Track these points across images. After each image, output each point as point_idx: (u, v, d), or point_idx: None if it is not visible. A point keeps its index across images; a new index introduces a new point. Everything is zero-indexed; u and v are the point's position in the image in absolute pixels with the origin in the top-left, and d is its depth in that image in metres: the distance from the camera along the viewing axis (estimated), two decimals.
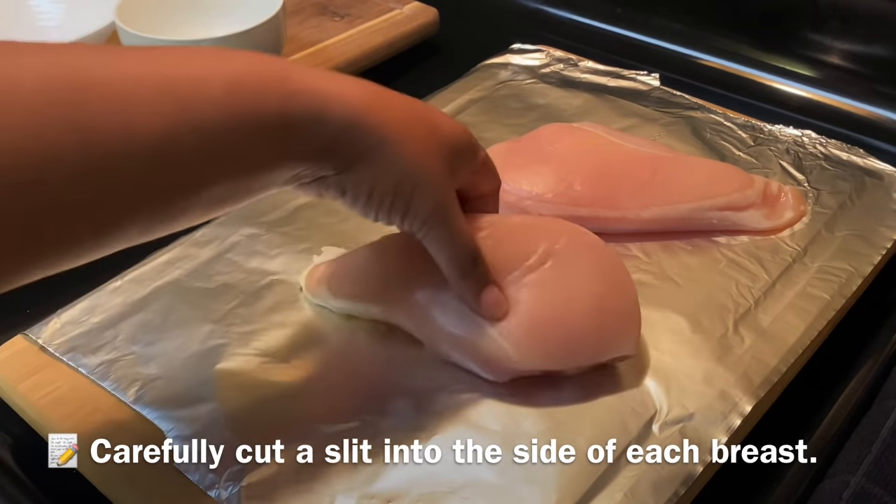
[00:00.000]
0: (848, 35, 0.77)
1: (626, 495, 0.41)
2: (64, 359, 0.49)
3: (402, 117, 0.41)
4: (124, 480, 0.43)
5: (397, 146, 0.40)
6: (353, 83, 0.40)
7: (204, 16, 0.76)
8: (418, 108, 0.43)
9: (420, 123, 0.42)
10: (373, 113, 0.39)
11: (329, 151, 0.39)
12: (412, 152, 0.41)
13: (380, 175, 0.41)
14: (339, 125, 0.39)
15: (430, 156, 0.41)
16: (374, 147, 0.40)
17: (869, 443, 0.44)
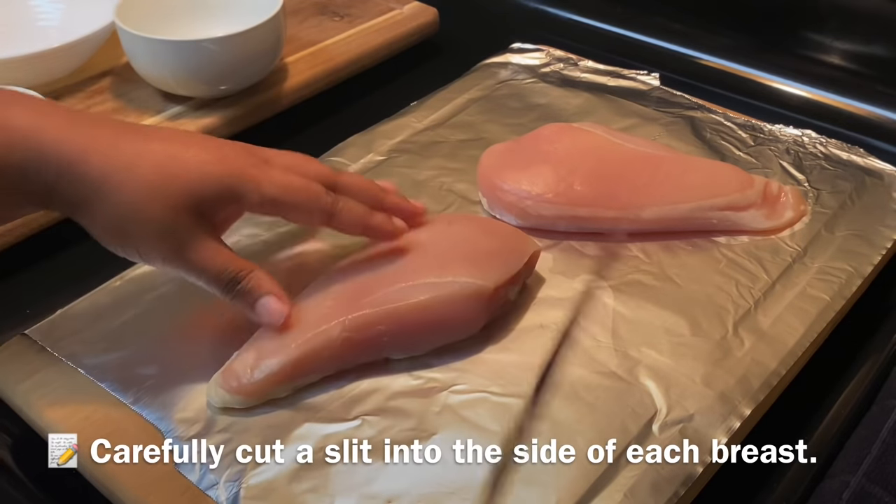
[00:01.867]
0: (848, 35, 0.77)
1: (626, 495, 0.41)
2: (64, 359, 0.49)
3: (125, 164, 0.41)
4: (124, 480, 0.43)
5: (113, 195, 0.41)
6: (84, 129, 0.41)
7: (204, 16, 0.76)
8: (154, 152, 0.42)
9: (150, 171, 0.41)
10: (90, 163, 0.40)
11: (48, 198, 0.41)
12: (130, 201, 0.41)
13: (100, 222, 0.42)
14: (53, 178, 0.41)
15: (154, 202, 0.41)
16: (89, 195, 0.41)
17: (869, 443, 0.44)
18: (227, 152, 0.44)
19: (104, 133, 0.42)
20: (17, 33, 0.77)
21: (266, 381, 0.45)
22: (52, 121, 0.41)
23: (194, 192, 0.42)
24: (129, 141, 0.42)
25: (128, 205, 0.41)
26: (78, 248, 0.62)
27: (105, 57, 0.75)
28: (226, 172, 0.43)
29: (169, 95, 0.72)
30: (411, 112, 0.70)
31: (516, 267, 0.50)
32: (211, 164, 0.43)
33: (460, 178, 0.63)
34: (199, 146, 0.44)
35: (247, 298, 0.45)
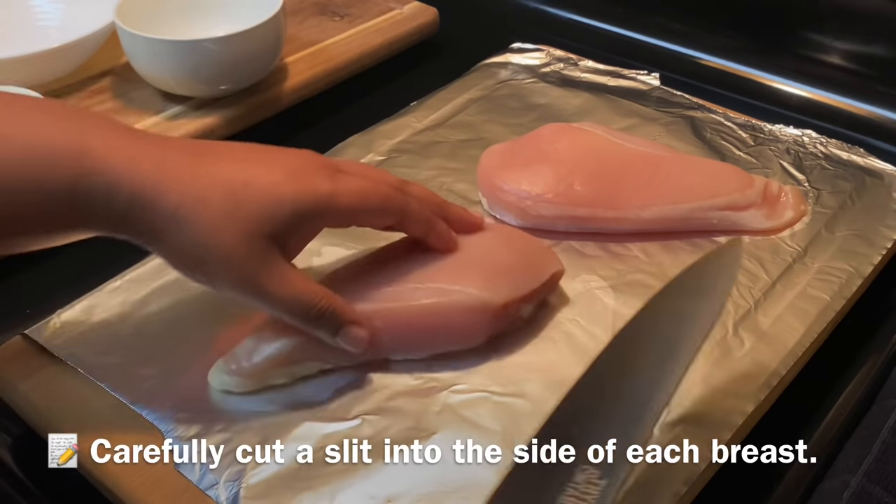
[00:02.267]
0: (848, 35, 0.77)
1: (627, 495, 0.41)
2: (64, 359, 0.49)
3: (198, 195, 0.40)
4: (124, 480, 0.43)
5: (186, 226, 0.40)
6: (154, 156, 0.40)
7: (204, 16, 0.76)
8: (225, 179, 0.41)
9: (221, 199, 0.40)
10: (162, 194, 0.40)
11: (120, 227, 0.41)
12: (203, 232, 0.40)
13: (173, 253, 0.42)
14: (125, 207, 0.40)
15: (227, 232, 0.40)
16: (162, 231, 0.40)
17: (869, 443, 0.44)
18: (298, 167, 0.43)
19: (175, 160, 0.41)
20: (17, 33, 0.77)
21: (264, 366, 0.46)
22: (123, 147, 0.40)
23: (267, 219, 0.41)
24: (202, 165, 0.41)
25: (200, 236, 0.40)
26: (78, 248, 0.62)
27: (105, 57, 0.75)
28: (300, 193, 0.42)
29: (169, 95, 0.72)
30: (411, 112, 0.70)
31: (531, 286, 0.49)
32: (283, 185, 0.41)
33: (460, 178, 0.63)
34: (272, 165, 0.42)
35: (329, 328, 0.44)
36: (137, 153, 0.40)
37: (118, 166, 0.39)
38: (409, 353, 0.48)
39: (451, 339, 0.48)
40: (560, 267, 0.52)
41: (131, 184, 0.40)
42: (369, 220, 0.46)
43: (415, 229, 0.48)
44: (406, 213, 0.46)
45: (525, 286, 0.49)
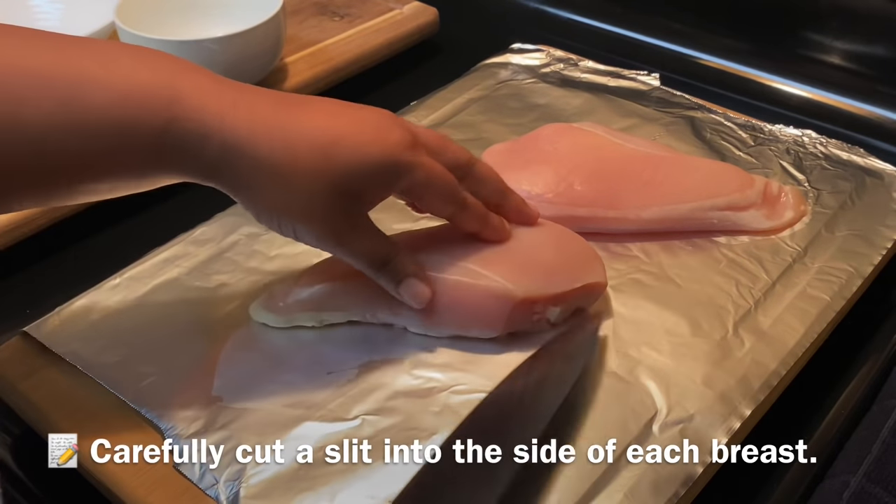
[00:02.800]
0: (848, 35, 0.77)
1: (626, 495, 0.41)
2: (64, 357, 0.48)
3: (288, 147, 0.41)
4: (124, 480, 0.43)
5: (275, 179, 0.41)
6: (245, 106, 0.41)
7: (204, 16, 0.76)
8: (315, 134, 0.42)
9: (311, 153, 0.41)
10: (253, 145, 0.40)
11: (209, 175, 0.41)
12: (291, 185, 0.41)
13: (261, 206, 0.43)
14: (216, 155, 0.40)
15: (314, 186, 0.42)
16: (251, 180, 0.41)
17: (869, 443, 0.44)
18: (384, 129, 0.43)
19: (266, 110, 0.41)
20: None
21: (295, 308, 0.49)
22: (215, 94, 0.40)
23: (353, 176, 0.42)
24: (293, 117, 0.42)
25: (288, 189, 0.41)
26: (77, 247, 0.62)
27: None
28: (384, 156, 0.43)
29: None
30: (411, 112, 0.70)
31: (559, 288, 0.48)
32: (370, 145, 0.42)
33: None
34: (361, 123, 0.43)
35: (393, 278, 0.46)
36: (229, 101, 0.40)
37: (210, 114, 0.40)
38: (426, 325, 0.49)
39: (469, 322, 0.48)
40: (601, 279, 0.50)
41: (222, 132, 0.40)
42: (429, 204, 0.47)
43: (468, 225, 0.48)
44: (462, 208, 0.47)
45: (553, 287, 0.48)
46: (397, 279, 0.46)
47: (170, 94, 0.40)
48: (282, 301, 0.50)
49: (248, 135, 0.40)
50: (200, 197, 0.49)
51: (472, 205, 0.47)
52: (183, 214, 0.58)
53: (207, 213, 0.58)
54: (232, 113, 0.40)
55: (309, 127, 0.42)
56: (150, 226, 0.64)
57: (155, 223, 0.64)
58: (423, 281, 0.47)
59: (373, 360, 0.48)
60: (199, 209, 0.58)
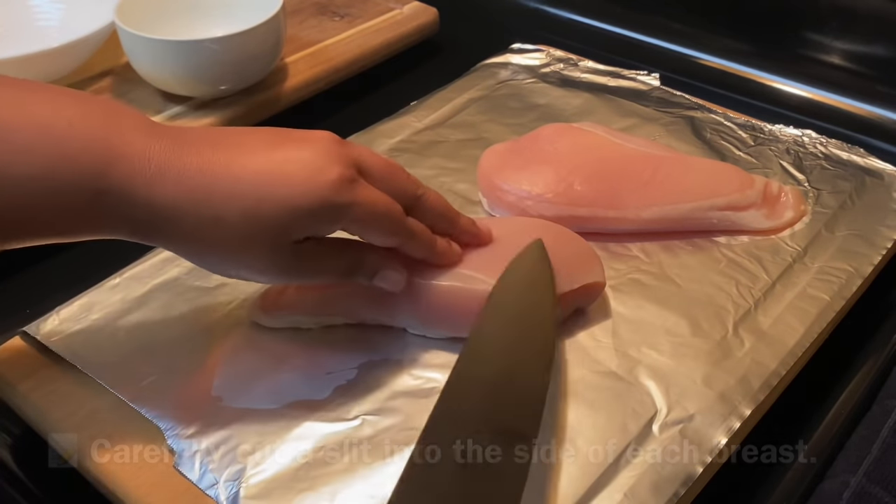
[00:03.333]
0: (848, 35, 0.77)
1: (626, 495, 0.41)
2: (63, 357, 0.48)
3: (213, 218, 0.40)
4: (124, 480, 0.43)
5: (207, 248, 0.42)
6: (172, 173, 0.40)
7: (204, 16, 0.76)
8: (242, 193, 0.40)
9: (239, 218, 0.40)
10: (179, 217, 0.40)
11: (144, 237, 0.42)
12: (225, 252, 0.42)
13: (201, 262, 0.43)
14: (145, 222, 0.40)
15: (249, 251, 0.42)
16: (182, 245, 0.42)
17: (869, 443, 0.44)
18: (315, 171, 0.42)
19: (191, 174, 0.40)
20: (17, 33, 0.77)
21: (291, 310, 0.50)
22: (142, 161, 0.40)
23: (285, 228, 0.41)
24: (218, 179, 0.40)
25: (222, 252, 0.42)
26: (78, 248, 0.62)
27: (105, 57, 0.75)
28: (315, 201, 0.41)
29: (169, 95, 0.72)
30: (411, 112, 0.70)
31: (558, 289, 0.48)
32: (298, 197, 0.41)
33: (460, 178, 0.63)
34: (290, 170, 0.41)
35: (364, 278, 0.46)
36: (156, 168, 0.40)
37: (137, 185, 0.40)
38: (425, 328, 0.49)
39: (466, 325, 0.47)
40: (600, 279, 0.50)
41: (149, 204, 0.40)
42: (372, 237, 0.45)
43: (415, 253, 0.47)
44: (409, 238, 0.46)
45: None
46: (369, 276, 0.46)
47: (99, 167, 0.39)
48: (278, 303, 0.50)
49: (174, 207, 0.40)
50: None
51: (417, 233, 0.47)
52: None
53: None
54: (159, 183, 0.40)
55: (235, 184, 0.40)
56: None
57: None
58: (393, 269, 0.47)
59: (372, 360, 0.48)
60: None
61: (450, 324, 0.49)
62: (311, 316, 0.50)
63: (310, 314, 0.50)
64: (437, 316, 0.48)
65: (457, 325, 0.48)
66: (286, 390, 0.47)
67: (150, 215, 0.40)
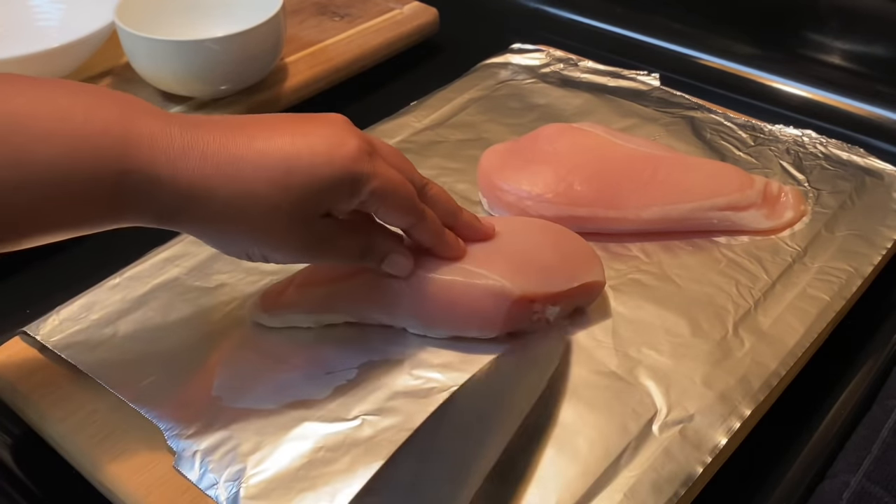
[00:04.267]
0: (848, 35, 0.77)
1: (626, 495, 0.41)
2: (63, 356, 0.48)
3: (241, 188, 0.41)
4: (124, 480, 0.43)
5: (234, 221, 0.42)
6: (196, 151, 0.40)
7: (204, 16, 0.76)
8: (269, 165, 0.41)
9: (268, 187, 0.41)
10: (208, 190, 0.40)
11: (167, 221, 0.41)
12: (252, 223, 0.42)
13: (224, 242, 0.43)
14: (170, 204, 0.40)
15: (274, 219, 0.42)
16: (210, 223, 0.42)
17: (869, 443, 0.44)
18: (337, 142, 0.43)
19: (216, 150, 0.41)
20: (17, 33, 0.77)
21: (290, 309, 0.50)
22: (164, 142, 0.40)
23: (311, 199, 0.42)
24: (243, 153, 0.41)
25: (249, 223, 0.42)
26: (78, 248, 0.62)
27: (105, 57, 0.75)
28: (339, 171, 0.42)
29: (169, 95, 0.72)
30: (411, 112, 0.70)
31: (557, 287, 0.48)
32: (323, 165, 0.42)
33: (460, 178, 0.63)
34: (313, 141, 0.42)
35: (374, 261, 0.47)
36: (178, 148, 0.40)
37: (160, 165, 0.40)
38: (425, 326, 0.49)
39: (467, 322, 0.48)
40: (600, 278, 0.50)
41: (175, 182, 0.40)
42: (389, 211, 0.46)
43: (424, 238, 0.48)
44: (421, 219, 0.47)
45: (551, 286, 0.48)
46: (379, 260, 0.47)
47: (120, 149, 0.39)
48: (278, 303, 0.50)
49: (201, 181, 0.40)
50: None
51: (429, 216, 0.47)
52: None
53: None
54: (183, 161, 0.40)
55: (262, 157, 0.41)
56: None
57: None
58: (402, 254, 0.47)
59: (372, 360, 0.48)
60: None
61: (451, 321, 0.49)
62: (311, 314, 0.50)
63: (310, 313, 0.50)
64: (438, 312, 0.48)
65: (458, 323, 0.49)
66: (286, 390, 0.47)
67: (176, 195, 0.40)
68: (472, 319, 0.48)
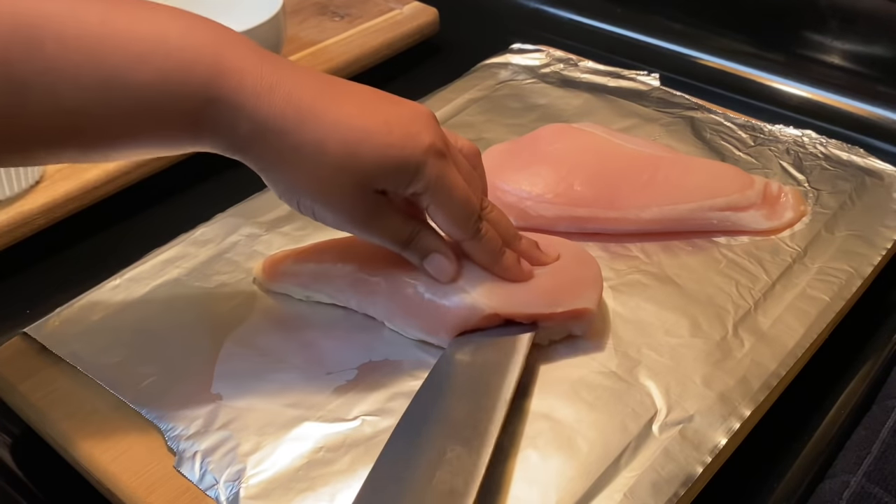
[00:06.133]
0: (848, 35, 0.77)
1: (626, 495, 0.41)
2: (64, 358, 0.49)
3: (315, 140, 0.42)
4: (124, 480, 0.43)
5: (299, 169, 0.43)
6: (283, 90, 0.41)
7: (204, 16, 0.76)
8: (345, 129, 0.42)
9: (338, 148, 0.42)
10: (283, 132, 0.41)
11: (239, 151, 0.43)
12: (315, 177, 0.43)
13: (283, 186, 0.44)
14: (246, 135, 0.42)
15: (339, 182, 0.43)
16: (277, 163, 0.43)
17: (869, 443, 0.44)
18: (414, 131, 0.44)
19: (302, 97, 0.42)
20: None
21: (283, 277, 0.52)
22: (254, 75, 0.41)
23: (375, 173, 0.43)
24: (326, 109, 0.42)
25: (312, 176, 0.43)
26: (78, 248, 0.62)
27: None
28: (407, 157, 0.43)
29: None
30: None
31: (539, 309, 0.47)
32: (395, 146, 0.43)
33: None
34: (391, 119, 0.44)
35: (417, 255, 0.47)
36: (267, 84, 0.41)
37: (246, 95, 0.41)
38: (399, 327, 0.50)
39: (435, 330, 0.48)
40: (589, 305, 0.48)
41: (255, 114, 0.41)
42: (444, 219, 0.46)
43: (477, 258, 0.48)
44: (474, 238, 0.47)
45: (531, 307, 0.47)
46: (422, 255, 0.47)
47: (209, 76, 0.40)
48: (275, 271, 0.52)
49: (280, 121, 0.41)
50: (201, 197, 0.49)
51: (486, 235, 0.47)
52: (183, 215, 0.59)
53: (208, 213, 0.58)
54: (268, 96, 0.41)
55: (341, 120, 0.42)
56: (150, 226, 0.64)
57: (155, 223, 0.64)
58: (446, 257, 0.47)
59: (372, 360, 0.48)
60: (199, 210, 0.58)
61: (419, 326, 0.49)
62: (302, 288, 0.52)
63: (301, 286, 0.52)
64: (408, 315, 0.49)
65: (425, 328, 0.48)
66: (286, 390, 0.47)
67: (253, 126, 0.41)
68: (439, 329, 0.48)
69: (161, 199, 0.62)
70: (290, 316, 0.51)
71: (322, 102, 0.42)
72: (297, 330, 0.50)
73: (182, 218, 0.58)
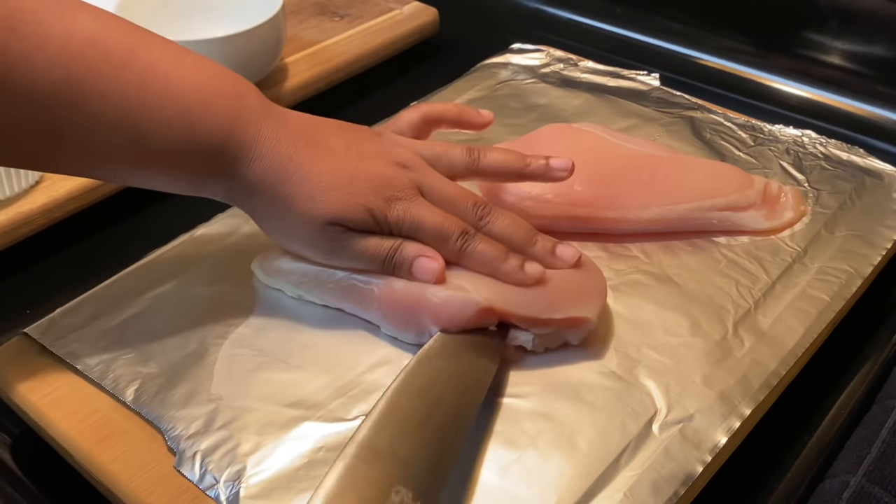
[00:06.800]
0: (848, 35, 0.77)
1: (626, 495, 0.41)
2: (64, 358, 0.49)
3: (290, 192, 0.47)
4: (124, 480, 0.43)
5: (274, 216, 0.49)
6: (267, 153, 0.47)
7: (204, 16, 0.76)
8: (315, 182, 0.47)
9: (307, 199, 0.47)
10: (260, 190, 0.47)
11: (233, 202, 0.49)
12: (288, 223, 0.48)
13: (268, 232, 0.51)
14: (237, 190, 0.48)
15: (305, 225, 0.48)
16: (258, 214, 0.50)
17: (869, 443, 0.44)
18: (381, 182, 0.48)
19: (281, 160, 0.47)
20: None
21: (278, 273, 0.52)
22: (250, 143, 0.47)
23: (337, 220, 0.47)
24: (299, 166, 0.47)
25: (286, 223, 0.48)
26: (78, 248, 0.62)
27: None
28: (364, 206, 0.47)
29: None
30: None
31: (535, 313, 0.47)
32: (356, 196, 0.47)
33: None
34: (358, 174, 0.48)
35: (404, 266, 0.48)
36: (257, 154, 0.47)
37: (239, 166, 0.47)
38: (395, 331, 0.49)
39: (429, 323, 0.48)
40: (589, 315, 0.48)
41: (244, 180, 0.47)
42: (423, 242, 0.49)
43: (477, 270, 0.48)
44: (462, 256, 0.48)
45: (527, 310, 0.47)
46: (407, 266, 0.48)
47: (219, 147, 0.46)
48: (271, 266, 0.53)
49: (260, 180, 0.47)
50: (201, 197, 0.49)
51: (477, 251, 0.48)
52: (183, 215, 0.59)
53: (208, 213, 0.58)
54: (258, 162, 0.47)
55: (310, 178, 0.47)
56: (150, 226, 0.64)
57: (155, 223, 0.64)
58: (428, 257, 0.48)
59: (373, 360, 0.48)
60: (199, 210, 0.58)
61: (413, 327, 0.48)
62: (294, 287, 0.52)
63: (293, 285, 0.52)
64: (402, 316, 0.48)
65: (420, 328, 0.48)
66: (286, 390, 0.47)
67: (242, 186, 0.47)
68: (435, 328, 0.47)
69: (161, 199, 0.62)
70: (290, 316, 0.51)
71: (297, 162, 0.47)
72: (297, 330, 0.50)
73: (182, 218, 0.58)
